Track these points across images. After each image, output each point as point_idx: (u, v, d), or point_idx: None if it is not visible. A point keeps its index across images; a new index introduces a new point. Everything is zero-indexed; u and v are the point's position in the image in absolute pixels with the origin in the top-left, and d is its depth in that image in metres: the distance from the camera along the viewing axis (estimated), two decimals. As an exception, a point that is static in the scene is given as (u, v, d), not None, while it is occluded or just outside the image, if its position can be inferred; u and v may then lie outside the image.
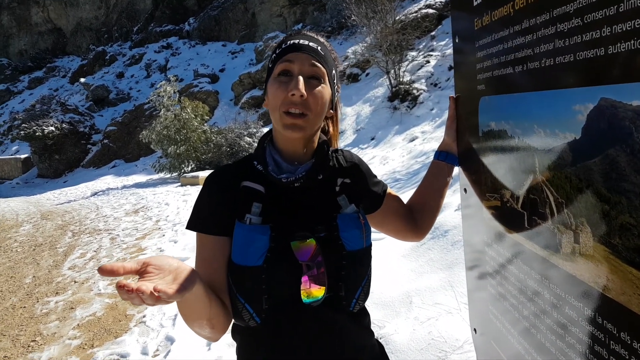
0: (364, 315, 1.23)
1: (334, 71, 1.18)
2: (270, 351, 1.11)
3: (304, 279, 1.04)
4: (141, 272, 0.82)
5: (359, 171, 1.28)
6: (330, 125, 1.32)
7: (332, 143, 1.30)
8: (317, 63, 1.11)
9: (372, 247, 1.19)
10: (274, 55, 1.16)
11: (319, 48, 1.14)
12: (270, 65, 1.17)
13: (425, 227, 1.41)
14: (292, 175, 1.12)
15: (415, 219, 1.41)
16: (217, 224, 1.12)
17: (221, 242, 1.12)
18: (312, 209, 1.14)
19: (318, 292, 1.04)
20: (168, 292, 0.76)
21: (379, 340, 1.39)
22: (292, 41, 1.14)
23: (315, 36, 1.18)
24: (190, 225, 1.15)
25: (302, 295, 1.04)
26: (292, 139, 1.13)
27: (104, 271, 0.74)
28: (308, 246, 1.06)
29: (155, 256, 0.87)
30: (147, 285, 0.74)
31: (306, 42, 1.13)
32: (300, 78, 1.07)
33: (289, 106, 1.08)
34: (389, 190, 1.37)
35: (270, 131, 1.24)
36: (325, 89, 1.13)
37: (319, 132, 1.21)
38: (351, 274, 1.11)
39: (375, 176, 1.34)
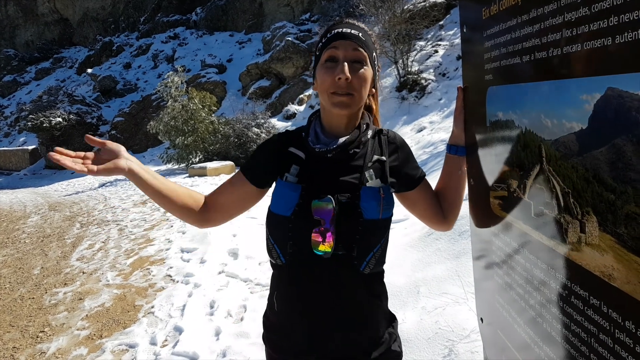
0: (376, 283, 1.39)
1: (374, 54, 1.35)
2: (288, 288, 1.35)
3: (313, 233, 1.22)
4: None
5: (398, 152, 1.40)
6: (372, 101, 1.48)
7: (374, 116, 1.48)
8: (359, 48, 1.27)
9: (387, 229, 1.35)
10: (320, 43, 1.33)
11: (360, 34, 1.30)
12: (317, 53, 1.35)
13: (451, 218, 1.50)
14: (325, 147, 1.29)
15: (443, 209, 1.49)
16: (256, 175, 1.38)
17: (247, 186, 1.38)
18: (341, 177, 1.29)
19: (326, 247, 1.21)
20: (80, 169, 1.16)
21: (396, 324, 1.48)
22: (336, 30, 1.30)
23: (356, 24, 1.34)
24: (243, 169, 1.41)
25: (312, 246, 1.22)
26: (340, 115, 1.30)
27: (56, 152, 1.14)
28: (326, 207, 1.22)
29: (113, 143, 1.25)
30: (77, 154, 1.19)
31: (349, 30, 1.29)
32: (345, 63, 1.24)
33: (336, 88, 1.24)
34: (426, 179, 1.47)
35: (319, 109, 1.42)
36: (367, 71, 1.29)
37: (361, 110, 1.38)
38: (364, 239, 1.27)
39: (415, 161, 1.46)
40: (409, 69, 13.82)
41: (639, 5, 0.58)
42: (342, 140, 1.30)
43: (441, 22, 15.80)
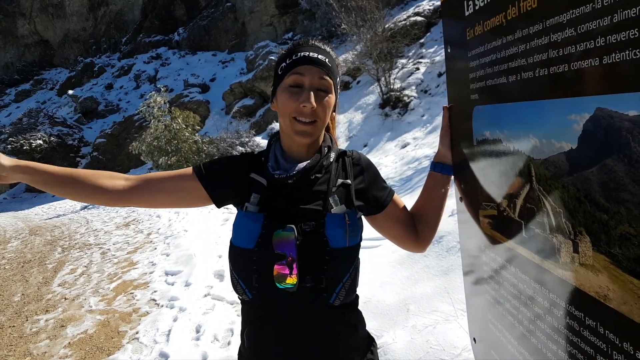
0: (349, 313, 1.30)
1: (338, 79, 1.30)
2: (256, 324, 1.27)
3: (276, 266, 1.14)
4: None
5: (363, 174, 1.34)
6: (330, 122, 1.42)
7: (332, 135, 1.41)
8: (325, 76, 1.22)
9: (363, 253, 1.27)
10: (285, 63, 1.25)
11: (326, 60, 1.24)
12: (280, 72, 1.27)
13: (427, 238, 1.42)
14: (285, 173, 1.23)
15: (417, 229, 1.42)
16: (213, 186, 1.31)
17: (196, 189, 1.30)
18: (305, 205, 1.23)
19: (290, 280, 1.14)
20: None
21: (375, 347, 1.42)
22: (302, 53, 1.23)
23: (322, 47, 1.28)
24: (196, 168, 1.33)
25: (275, 281, 1.14)
26: (302, 144, 1.25)
27: None
28: (288, 238, 1.14)
29: None
30: None
31: (315, 55, 1.23)
32: (312, 93, 1.19)
33: (299, 115, 1.20)
34: (395, 197, 1.40)
35: (279, 131, 1.35)
36: (331, 98, 1.25)
37: (322, 133, 1.32)
38: (333, 269, 1.19)
39: (382, 181, 1.39)
40: (392, 86, 13.95)
41: (625, 27, 0.58)
42: (302, 165, 1.24)
43: (422, 40, 16.02)
